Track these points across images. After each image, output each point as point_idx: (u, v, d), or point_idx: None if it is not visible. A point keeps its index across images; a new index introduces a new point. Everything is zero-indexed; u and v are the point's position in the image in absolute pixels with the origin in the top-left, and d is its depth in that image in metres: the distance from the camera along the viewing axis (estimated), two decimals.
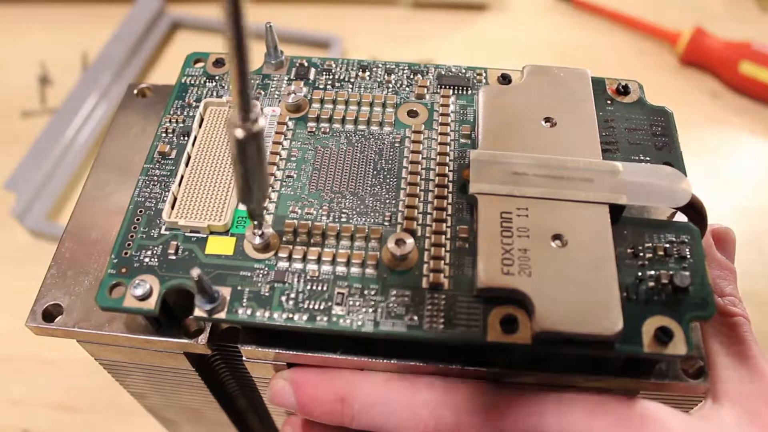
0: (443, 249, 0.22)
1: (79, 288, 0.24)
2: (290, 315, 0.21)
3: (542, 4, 0.63)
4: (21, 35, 0.61)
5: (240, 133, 0.17)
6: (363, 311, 0.21)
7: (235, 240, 0.22)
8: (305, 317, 0.21)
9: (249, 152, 0.18)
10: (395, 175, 0.24)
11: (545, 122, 0.24)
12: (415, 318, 0.20)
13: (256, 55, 0.27)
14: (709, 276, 0.21)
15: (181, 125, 0.25)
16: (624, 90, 0.25)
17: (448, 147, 0.24)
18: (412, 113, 0.25)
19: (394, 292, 0.21)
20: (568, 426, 0.20)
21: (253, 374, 0.24)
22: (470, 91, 0.26)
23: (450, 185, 0.23)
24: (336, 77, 0.26)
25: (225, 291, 0.21)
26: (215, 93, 0.26)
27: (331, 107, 0.25)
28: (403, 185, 0.23)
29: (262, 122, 0.17)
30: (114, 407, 0.42)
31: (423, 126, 0.25)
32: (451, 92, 0.26)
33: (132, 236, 0.22)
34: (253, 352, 0.22)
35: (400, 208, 0.23)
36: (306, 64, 0.27)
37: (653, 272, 0.21)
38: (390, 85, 0.26)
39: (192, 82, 0.26)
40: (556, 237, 0.21)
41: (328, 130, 0.25)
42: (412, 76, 0.26)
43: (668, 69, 0.57)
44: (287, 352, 0.22)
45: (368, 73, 0.27)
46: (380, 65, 0.27)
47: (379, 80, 0.26)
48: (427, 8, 0.62)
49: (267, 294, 0.21)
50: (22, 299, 0.26)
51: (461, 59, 0.39)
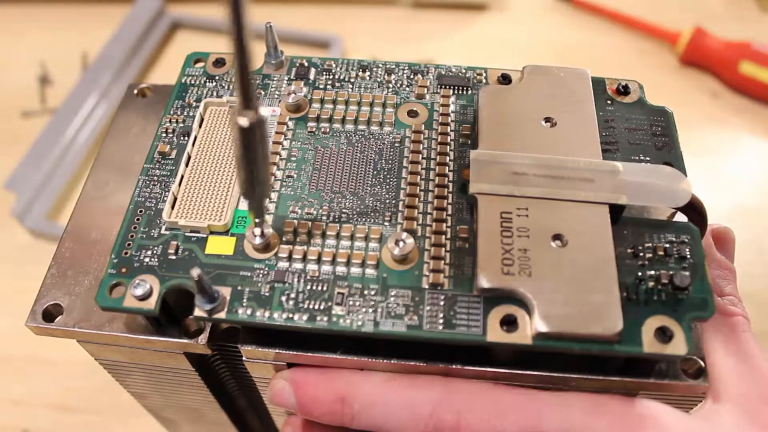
0: (443, 249, 0.22)
1: (79, 288, 0.24)
2: (290, 315, 0.21)
3: (542, 4, 0.63)
4: (21, 35, 0.61)
5: (244, 121, 0.17)
6: (363, 311, 0.21)
7: (235, 240, 0.22)
8: (305, 317, 0.21)
9: (253, 141, 0.18)
10: (395, 175, 0.24)
11: (545, 122, 0.24)
12: (415, 318, 0.20)
13: (257, 55, 0.27)
14: (709, 276, 0.21)
15: (181, 125, 0.25)
16: (624, 90, 0.25)
17: (448, 147, 0.24)
18: (412, 113, 0.25)
19: (394, 292, 0.21)
20: (568, 426, 0.20)
21: (253, 374, 0.24)
22: (470, 91, 0.26)
23: (450, 185, 0.23)
24: (336, 77, 0.26)
25: (225, 291, 0.21)
26: (215, 93, 0.26)
27: (331, 107, 0.25)
28: (403, 185, 0.23)
29: (265, 112, 0.18)
30: (114, 408, 0.42)
31: (423, 126, 0.25)
32: (451, 92, 0.26)
33: (132, 236, 0.22)
34: (253, 352, 0.22)
35: (400, 208, 0.23)
36: (306, 64, 0.27)
37: (653, 272, 0.21)
38: (390, 85, 0.26)
39: (192, 82, 0.26)
40: (556, 237, 0.21)
41: (328, 130, 0.25)
42: (412, 76, 0.26)
43: (668, 69, 0.57)
44: (287, 352, 0.22)
45: (368, 73, 0.27)
46: (380, 65, 0.27)
47: (379, 80, 0.26)
48: (427, 8, 0.62)
49: (267, 294, 0.21)
50: (22, 299, 0.26)
51: (461, 59, 0.39)
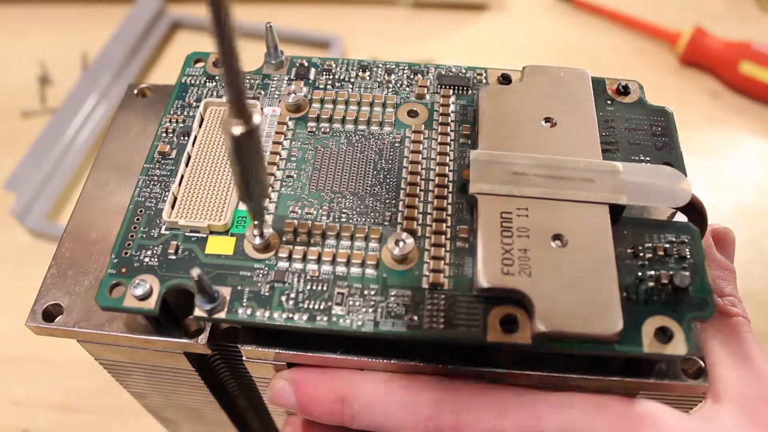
0: (443, 249, 0.22)
1: (79, 288, 0.24)
2: (290, 315, 0.21)
3: (542, 4, 0.63)
4: (21, 35, 0.61)
5: (236, 130, 0.17)
6: (363, 311, 0.21)
7: (235, 240, 0.22)
8: (305, 317, 0.21)
9: (246, 149, 0.18)
10: (395, 175, 0.24)
11: (545, 122, 0.24)
12: (415, 318, 0.20)
13: (257, 55, 0.27)
14: (709, 276, 0.21)
15: (182, 125, 0.25)
16: (624, 90, 0.25)
17: (448, 147, 0.24)
18: (412, 113, 0.25)
19: (394, 292, 0.21)
20: (568, 426, 0.20)
21: (253, 374, 0.24)
22: (470, 91, 0.26)
23: (450, 185, 0.23)
24: (336, 77, 0.26)
25: (225, 291, 0.21)
26: (215, 93, 0.26)
27: (331, 107, 0.25)
28: (403, 185, 0.23)
29: (258, 118, 0.17)
30: (114, 408, 0.42)
31: (423, 126, 0.25)
32: (451, 92, 0.26)
33: (132, 236, 0.22)
34: (253, 352, 0.22)
35: (400, 208, 0.23)
36: (306, 64, 0.27)
37: (653, 272, 0.21)
38: (390, 85, 0.26)
39: (192, 82, 0.26)
40: (556, 237, 0.21)
41: (328, 130, 0.25)
42: (412, 76, 0.26)
43: (668, 69, 0.57)
44: (287, 352, 0.22)
45: (368, 73, 0.27)
46: (380, 65, 0.27)
47: (379, 80, 0.26)
48: (427, 8, 0.62)
49: (267, 294, 0.21)
50: (22, 299, 0.26)
51: (461, 59, 0.39)
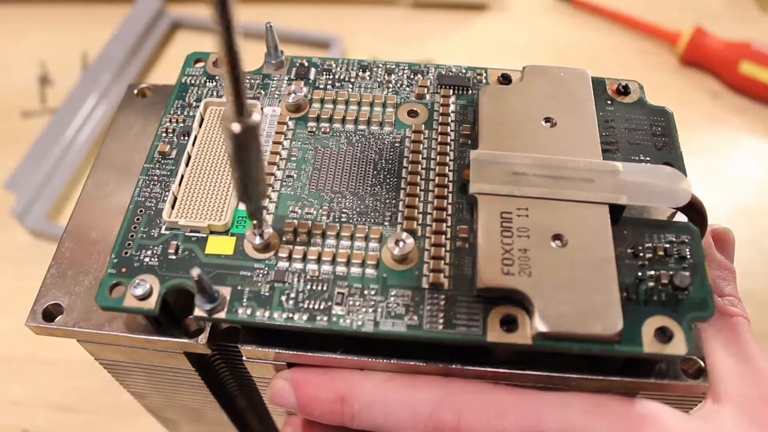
0: (443, 249, 0.22)
1: (79, 288, 0.24)
2: (290, 315, 0.21)
3: (542, 4, 0.63)
4: (21, 35, 0.61)
5: (236, 128, 0.17)
6: (363, 311, 0.21)
7: (235, 240, 0.22)
8: (305, 317, 0.21)
9: (246, 147, 0.18)
10: (395, 175, 0.24)
11: (545, 122, 0.24)
12: (415, 318, 0.20)
13: (257, 55, 0.27)
14: (709, 276, 0.21)
15: (182, 125, 0.25)
16: (624, 90, 0.25)
17: (448, 147, 0.24)
18: (412, 113, 0.25)
19: (394, 292, 0.21)
20: (568, 426, 0.20)
21: (253, 374, 0.24)
22: (470, 91, 0.26)
23: (450, 185, 0.23)
24: (336, 77, 0.26)
25: (225, 291, 0.21)
26: (215, 93, 0.26)
27: (332, 107, 0.25)
28: (403, 185, 0.23)
29: (257, 117, 0.17)
30: (114, 408, 0.42)
31: (423, 126, 0.25)
32: (451, 92, 0.26)
33: (132, 236, 0.22)
34: (253, 352, 0.22)
35: (400, 208, 0.23)
36: (306, 64, 0.27)
37: (653, 272, 0.21)
38: (390, 85, 0.26)
39: (192, 82, 0.26)
40: (556, 237, 0.21)
41: (328, 130, 0.25)
42: (412, 76, 0.26)
43: (668, 69, 0.57)
44: (287, 352, 0.22)
45: (368, 73, 0.27)
46: (380, 65, 0.27)
47: (379, 80, 0.26)
48: (427, 8, 0.62)
49: (267, 294, 0.21)
50: (22, 299, 0.26)
51: (461, 59, 0.39)
